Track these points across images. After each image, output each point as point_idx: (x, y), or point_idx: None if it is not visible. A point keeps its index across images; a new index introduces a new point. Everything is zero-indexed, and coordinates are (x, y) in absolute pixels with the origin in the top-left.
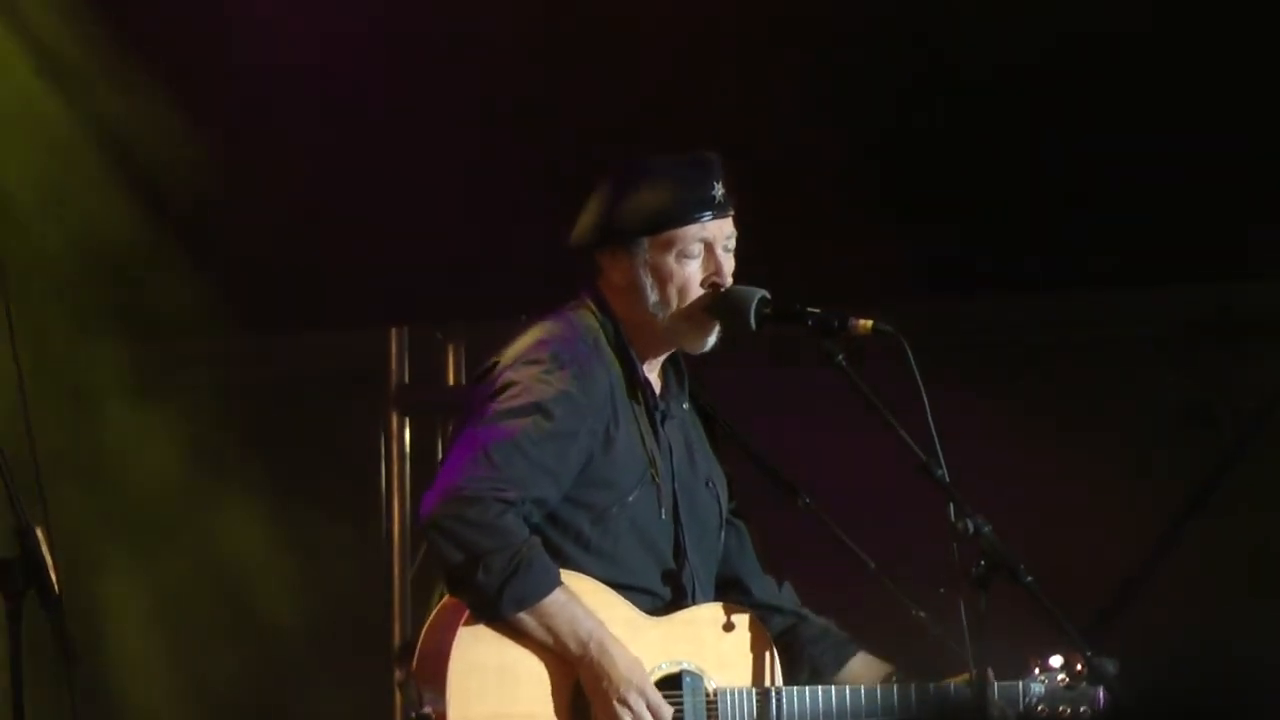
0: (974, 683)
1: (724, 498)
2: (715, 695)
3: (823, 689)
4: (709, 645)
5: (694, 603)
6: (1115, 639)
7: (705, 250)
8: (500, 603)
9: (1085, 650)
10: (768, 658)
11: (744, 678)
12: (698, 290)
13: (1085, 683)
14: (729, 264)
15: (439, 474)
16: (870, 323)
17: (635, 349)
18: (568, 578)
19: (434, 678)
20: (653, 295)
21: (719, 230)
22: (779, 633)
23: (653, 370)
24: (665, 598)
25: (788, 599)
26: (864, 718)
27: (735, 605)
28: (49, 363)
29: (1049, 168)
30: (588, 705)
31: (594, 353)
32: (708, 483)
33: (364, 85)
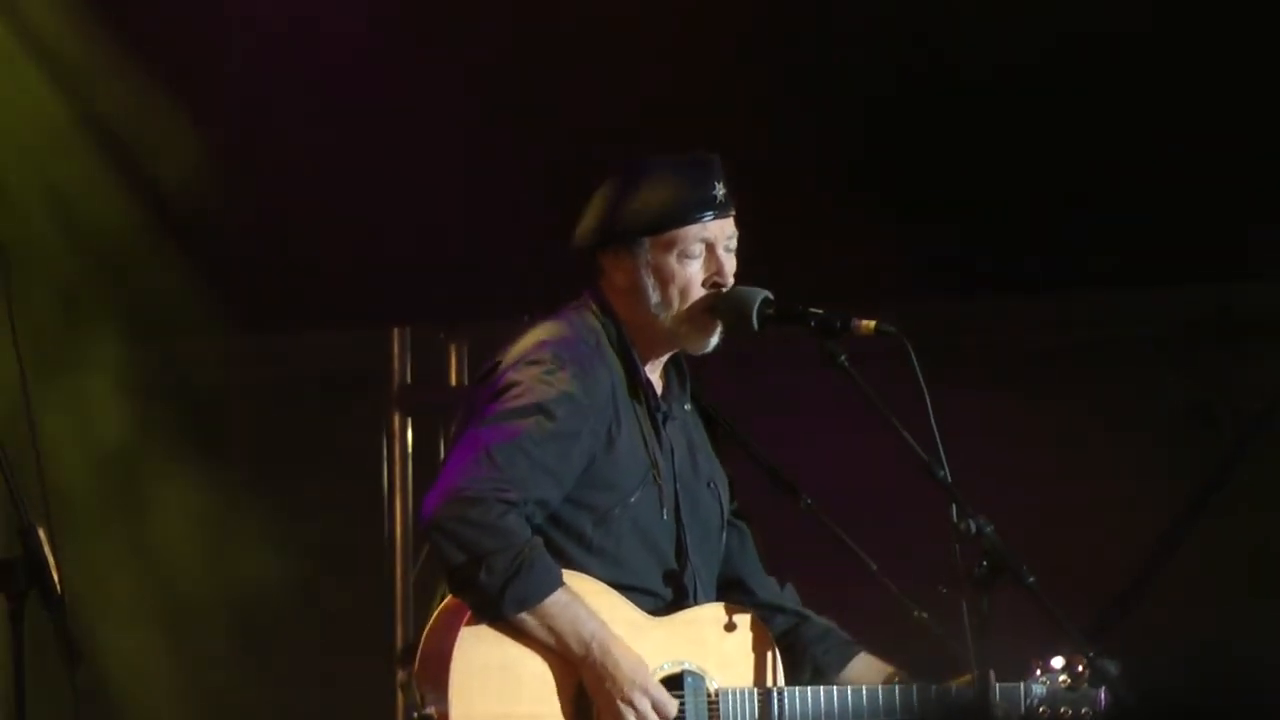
0: (976, 684)
1: (726, 499)
2: (717, 695)
3: (824, 689)
4: (711, 646)
5: (696, 603)
6: (1116, 639)
7: (707, 250)
8: (502, 603)
9: (1087, 651)
10: (770, 658)
11: (746, 678)
12: (699, 291)
13: (1087, 684)
14: (731, 264)
15: (440, 475)
16: (873, 323)
17: (637, 349)
18: (570, 578)
19: (436, 678)
20: (654, 296)
21: (720, 230)
22: (781, 633)
23: (655, 371)
24: (667, 598)
25: (790, 599)
26: (865, 718)
27: (737, 606)
28: (49, 363)
29: (1049, 168)
30: (590, 706)
31: (596, 353)
32: (709, 484)
33: (364, 85)
